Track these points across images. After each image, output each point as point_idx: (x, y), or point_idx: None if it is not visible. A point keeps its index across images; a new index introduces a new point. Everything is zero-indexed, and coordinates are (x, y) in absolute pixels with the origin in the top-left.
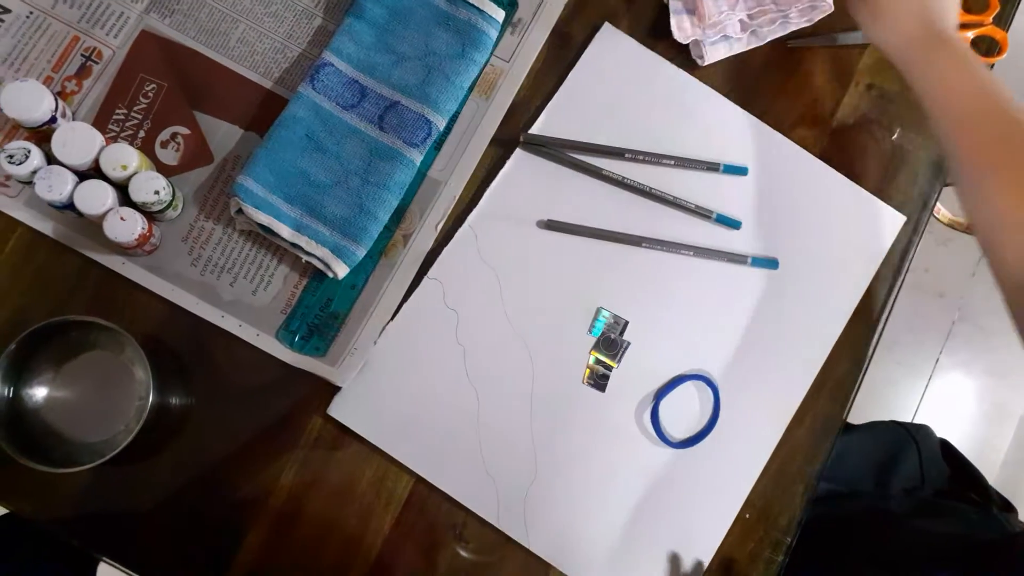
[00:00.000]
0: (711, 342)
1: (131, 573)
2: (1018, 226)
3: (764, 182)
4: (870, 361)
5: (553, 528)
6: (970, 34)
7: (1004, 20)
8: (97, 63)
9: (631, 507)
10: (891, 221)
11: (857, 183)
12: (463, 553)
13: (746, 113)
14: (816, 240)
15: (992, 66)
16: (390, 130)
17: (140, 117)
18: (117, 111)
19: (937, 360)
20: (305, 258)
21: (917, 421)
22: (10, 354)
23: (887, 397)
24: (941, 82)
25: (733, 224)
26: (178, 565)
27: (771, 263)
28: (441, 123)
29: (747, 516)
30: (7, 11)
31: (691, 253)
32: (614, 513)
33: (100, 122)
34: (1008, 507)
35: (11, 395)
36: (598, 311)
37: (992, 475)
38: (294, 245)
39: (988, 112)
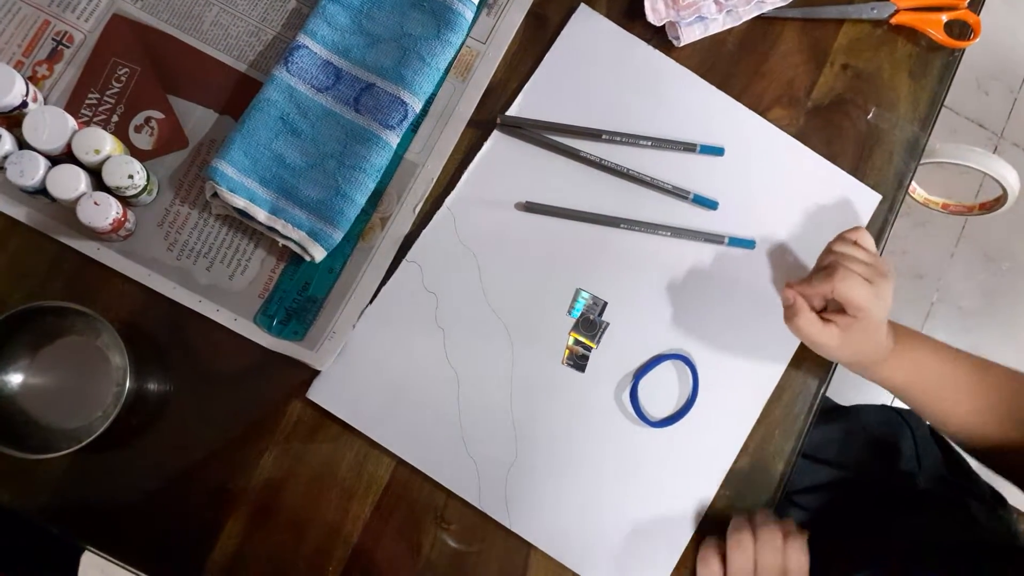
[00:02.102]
0: (689, 322)
1: (112, 560)
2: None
3: (741, 163)
4: None
5: (534, 509)
6: (944, 17)
7: (976, 5)
8: (68, 47)
9: (611, 487)
10: (867, 200)
11: (833, 163)
12: (444, 536)
13: (722, 94)
14: (792, 220)
15: (963, 50)
16: (366, 112)
17: (113, 101)
18: (90, 96)
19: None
20: (282, 242)
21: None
22: None
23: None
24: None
25: (710, 204)
26: (159, 551)
27: (748, 243)
28: (417, 105)
29: (726, 494)
30: None
31: (668, 234)
32: (594, 493)
33: (72, 107)
34: (999, 500)
35: None
36: (577, 292)
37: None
38: (270, 229)
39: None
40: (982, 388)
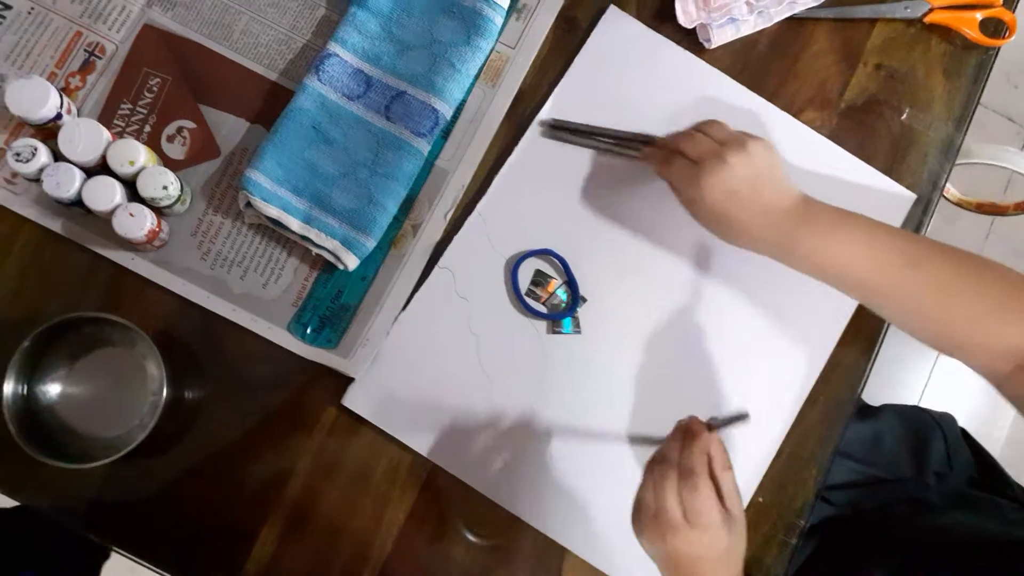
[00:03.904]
0: (724, 328)
1: (146, 564)
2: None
3: None
4: (882, 342)
5: (569, 512)
6: (979, 15)
7: (1012, 2)
8: (100, 58)
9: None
10: (901, 200)
11: (867, 164)
12: (478, 541)
13: (755, 95)
14: None
15: (998, 49)
16: (397, 120)
17: (145, 112)
18: (122, 106)
19: None
20: (315, 250)
21: (925, 399)
22: (24, 351)
23: (895, 376)
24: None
25: None
26: (194, 557)
27: None
28: (448, 112)
29: (760, 500)
30: (8, 7)
31: None
32: (629, 498)
33: (105, 117)
34: None
35: (25, 392)
36: None
37: (995, 453)
38: (304, 238)
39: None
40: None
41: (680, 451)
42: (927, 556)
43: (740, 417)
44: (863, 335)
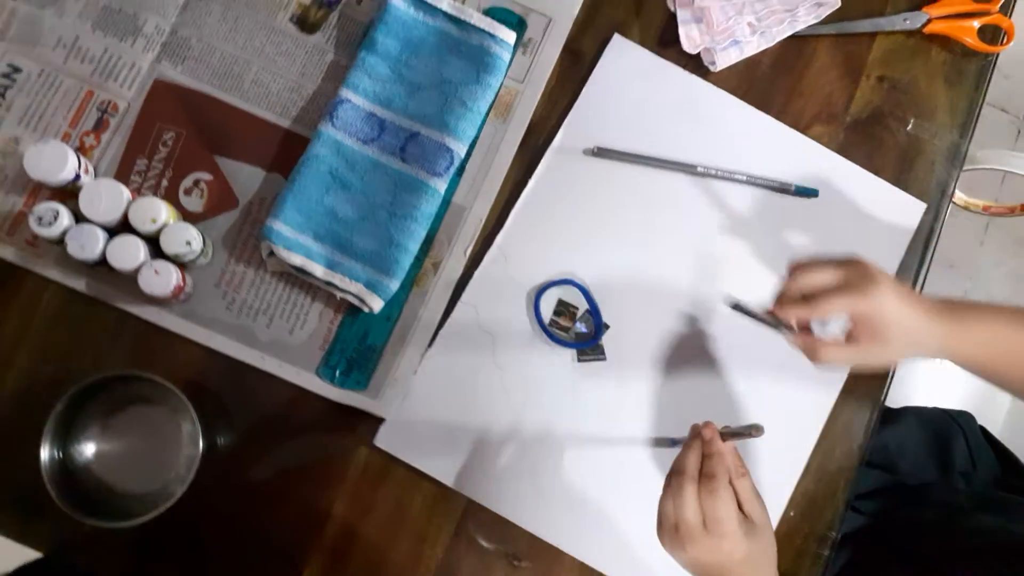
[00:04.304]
0: (748, 344)
1: None
2: None
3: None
4: None
5: (605, 540)
6: (976, 23)
7: (1008, 7)
8: (113, 116)
9: None
10: (912, 209)
11: (876, 175)
12: (518, 569)
13: (763, 114)
14: (841, 234)
15: (997, 55)
16: (412, 161)
17: (161, 166)
18: (138, 162)
19: None
20: (339, 295)
21: (938, 390)
22: (57, 415)
23: (907, 369)
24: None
25: (812, 192)
26: None
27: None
28: (462, 150)
29: (791, 514)
30: (18, 70)
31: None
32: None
33: (122, 174)
34: None
35: (61, 455)
36: None
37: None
38: (328, 283)
39: None
40: None
41: (697, 460)
42: (960, 562)
43: (753, 429)
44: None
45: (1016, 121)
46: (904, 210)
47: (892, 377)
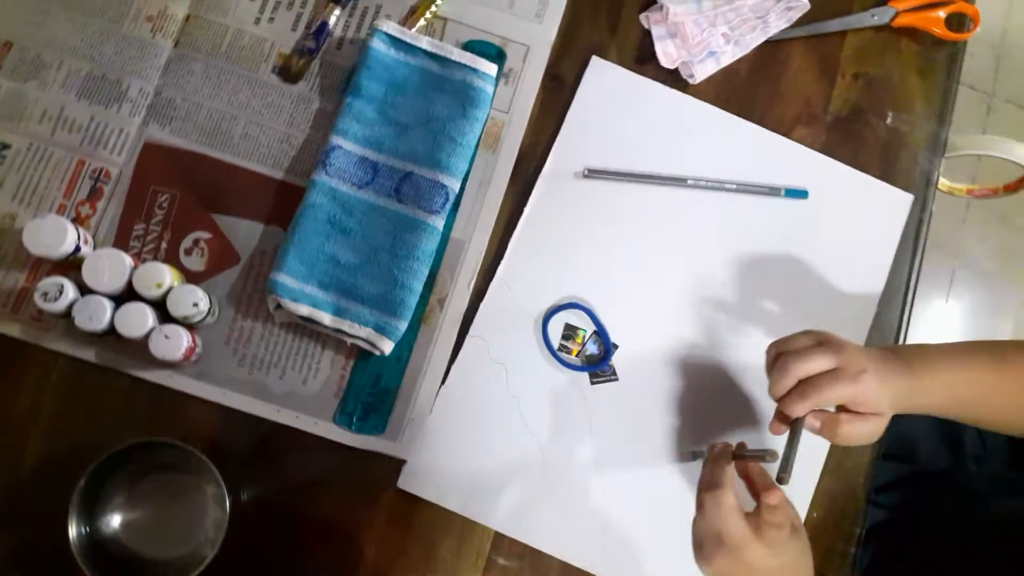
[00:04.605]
0: (757, 349)
1: None
2: None
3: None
4: (906, 335)
5: (636, 558)
6: (942, 13)
7: None
8: (107, 183)
9: None
10: (900, 202)
11: (862, 172)
12: None
13: (745, 122)
14: (833, 232)
15: (966, 42)
16: (408, 201)
17: (159, 229)
18: (135, 227)
19: (945, 306)
20: (349, 341)
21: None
22: (81, 490)
23: None
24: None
25: (801, 194)
26: None
27: (802, 193)
28: (456, 185)
29: (815, 515)
30: (7, 147)
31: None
32: (687, 536)
33: (121, 241)
34: None
35: (88, 529)
36: None
37: None
38: (337, 330)
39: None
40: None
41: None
42: (984, 548)
43: (768, 454)
44: (886, 338)
45: (985, 97)
46: (892, 203)
47: None
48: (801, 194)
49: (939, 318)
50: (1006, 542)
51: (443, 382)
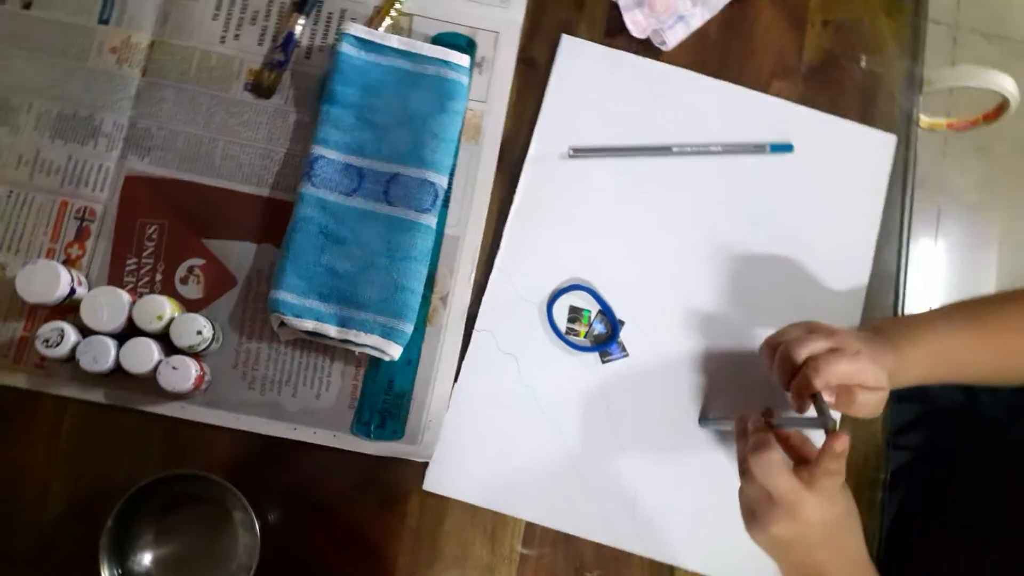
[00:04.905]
0: (762, 308)
1: None
2: None
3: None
4: (906, 277)
5: (665, 530)
6: None
7: None
8: (93, 221)
9: (730, 492)
10: (884, 143)
11: (844, 118)
12: None
13: (722, 82)
14: (822, 181)
15: None
16: (398, 202)
17: (152, 261)
18: (128, 262)
19: (935, 242)
20: (357, 350)
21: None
22: (109, 531)
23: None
24: None
25: (786, 148)
26: None
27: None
28: (443, 181)
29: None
30: None
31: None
32: (722, 497)
33: (114, 277)
34: None
35: (120, 571)
36: None
37: None
38: (344, 341)
39: None
40: (998, 340)
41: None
42: (1012, 474)
43: (815, 421)
44: (886, 280)
45: (950, 30)
46: (877, 146)
47: (904, 299)
48: (786, 148)
49: (930, 256)
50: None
51: (456, 380)
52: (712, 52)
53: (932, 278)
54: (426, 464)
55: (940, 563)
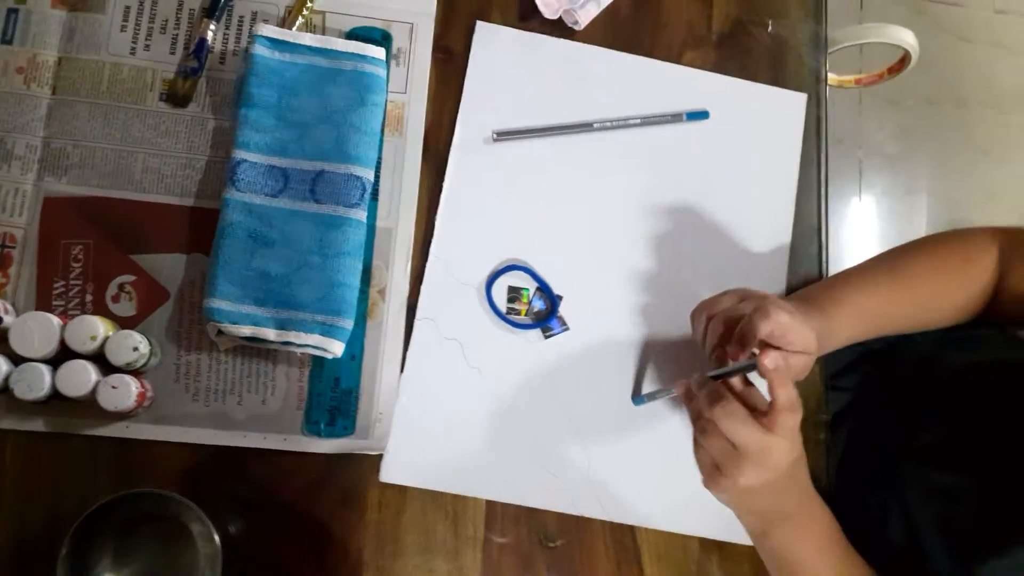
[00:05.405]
0: (696, 266)
1: None
2: None
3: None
4: (828, 228)
5: (621, 491)
6: None
7: None
8: (13, 248)
9: (681, 448)
10: (795, 102)
11: (755, 82)
12: (555, 553)
13: (636, 56)
14: (739, 145)
15: None
16: (326, 199)
17: (80, 282)
18: (55, 285)
19: (860, 197)
20: (299, 351)
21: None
22: (64, 559)
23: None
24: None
25: (702, 115)
26: None
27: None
28: (370, 175)
29: None
30: None
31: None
32: (671, 454)
33: (43, 302)
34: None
35: None
36: None
37: None
38: (284, 343)
39: None
40: (917, 290)
41: (702, 402)
42: (950, 403)
43: (751, 365)
44: (808, 232)
45: None
46: (789, 106)
47: (826, 250)
48: (702, 115)
49: (857, 210)
50: (966, 392)
51: (402, 370)
52: (624, 28)
53: (862, 231)
54: (381, 456)
55: (889, 491)
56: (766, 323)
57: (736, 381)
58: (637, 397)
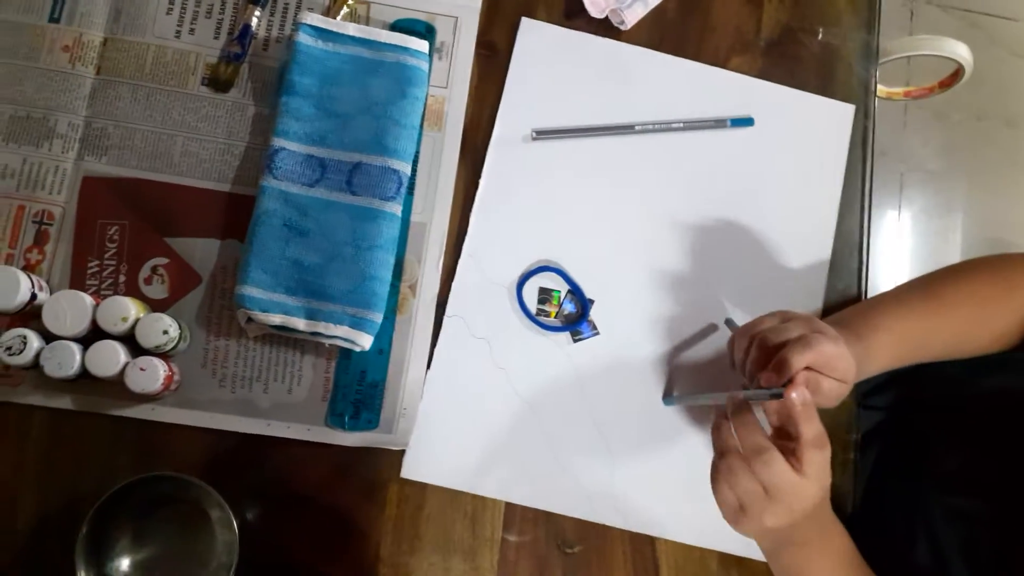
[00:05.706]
0: (729, 279)
1: None
2: None
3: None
4: (869, 243)
5: (643, 501)
6: None
7: None
8: (51, 225)
9: (706, 462)
10: (843, 113)
11: (802, 91)
12: (572, 559)
13: (682, 59)
14: (784, 154)
15: None
16: (362, 191)
17: (114, 263)
18: (89, 264)
19: (899, 212)
20: (327, 342)
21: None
22: (83, 539)
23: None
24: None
25: (747, 122)
26: None
27: (747, 121)
28: (407, 168)
29: None
30: None
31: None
32: (690, 470)
33: (77, 281)
34: None
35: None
36: None
37: None
38: (313, 333)
39: None
40: (955, 316)
41: (732, 435)
42: (979, 427)
43: (771, 393)
44: (849, 242)
45: (908, 2)
46: (836, 116)
47: (867, 267)
48: (747, 122)
49: (895, 226)
50: (996, 417)
51: (429, 366)
52: (671, 30)
53: (898, 247)
54: (403, 452)
55: (915, 514)
56: (806, 354)
57: (773, 415)
58: (667, 397)
